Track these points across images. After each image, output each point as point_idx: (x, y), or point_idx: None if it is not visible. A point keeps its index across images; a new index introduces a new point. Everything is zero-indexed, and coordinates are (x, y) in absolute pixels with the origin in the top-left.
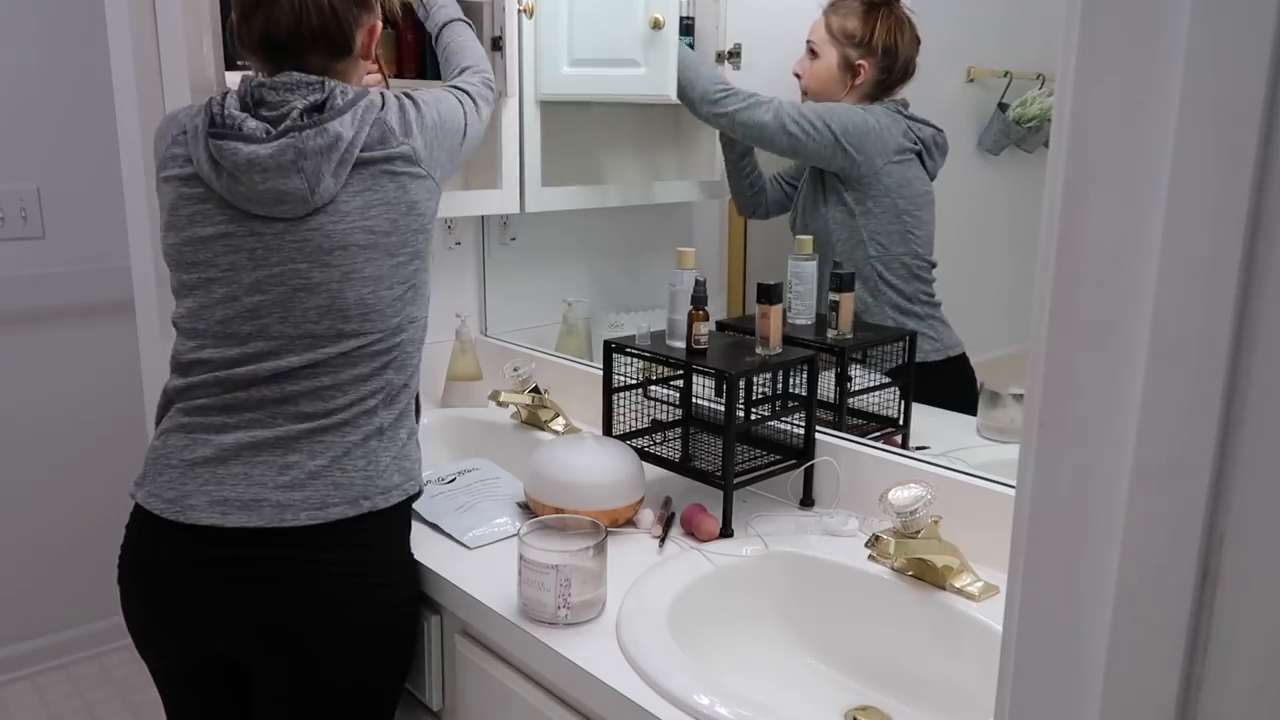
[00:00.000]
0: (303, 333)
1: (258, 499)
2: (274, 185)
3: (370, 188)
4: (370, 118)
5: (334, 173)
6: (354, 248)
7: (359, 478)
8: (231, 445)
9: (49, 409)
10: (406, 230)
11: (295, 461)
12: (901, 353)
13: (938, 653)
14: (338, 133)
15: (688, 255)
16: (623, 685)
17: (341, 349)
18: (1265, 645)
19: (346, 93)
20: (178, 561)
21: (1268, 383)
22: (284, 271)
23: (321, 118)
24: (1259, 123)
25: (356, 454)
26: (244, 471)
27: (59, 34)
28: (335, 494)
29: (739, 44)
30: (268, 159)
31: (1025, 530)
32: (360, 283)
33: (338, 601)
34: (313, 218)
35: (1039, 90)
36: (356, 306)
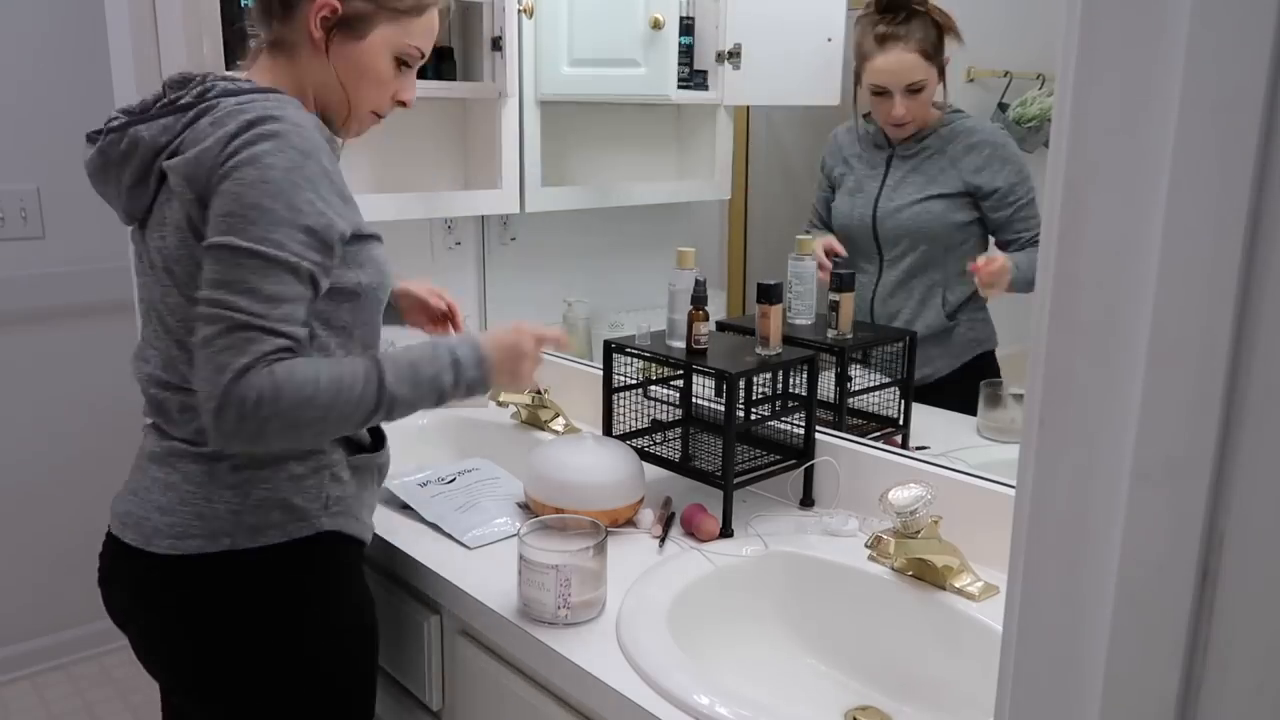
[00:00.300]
0: (156, 348)
1: (145, 516)
2: (102, 190)
3: (169, 200)
4: (200, 124)
5: (140, 181)
6: (159, 269)
7: (224, 510)
8: (146, 453)
9: (49, 409)
10: (194, 263)
11: (174, 482)
12: (903, 354)
13: (938, 653)
14: (138, 137)
15: (688, 255)
16: (623, 685)
17: (183, 376)
18: (1265, 645)
19: (211, 90)
20: (105, 575)
21: (1268, 383)
22: (140, 284)
23: (132, 119)
24: (1259, 123)
25: (225, 483)
26: (146, 485)
27: (59, 35)
28: (197, 524)
29: (739, 44)
30: (89, 163)
31: (1025, 530)
32: (167, 308)
33: (188, 638)
34: (144, 231)
35: (1039, 90)
36: (172, 335)
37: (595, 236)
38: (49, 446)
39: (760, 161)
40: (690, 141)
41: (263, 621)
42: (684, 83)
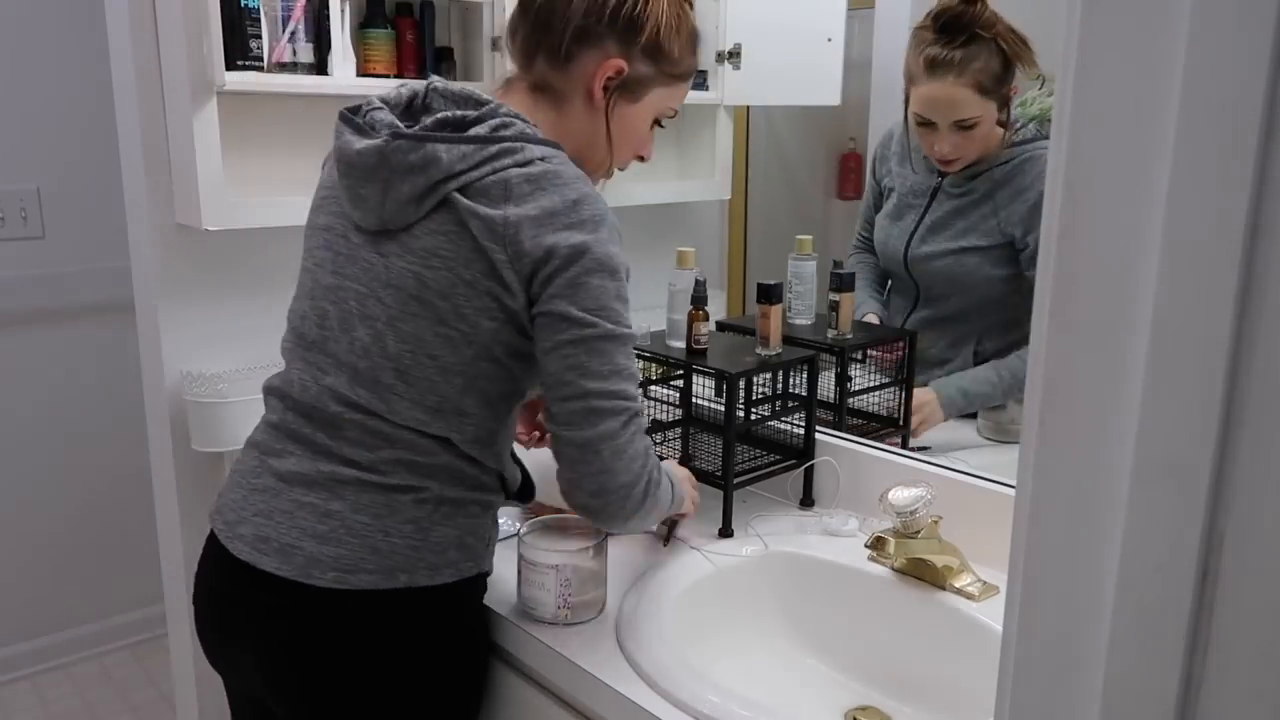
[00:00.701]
0: (350, 364)
1: (295, 545)
2: (353, 184)
3: (447, 233)
4: (501, 164)
5: (417, 199)
6: (404, 293)
7: (402, 545)
8: (286, 475)
9: (49, 409)
10: (465, 303)
11: (336, 511)
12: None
13: (938, 653)
14: (434, 156)
15: (688, 255)
16: (623, 685)
17: (388, 405)
18: (1265, 645)
19: (506, 128)
20: (223, 594)
21: (1268, 383)
22: (347, 288)
23: (431, 134)
24: (1259, 123)
25: (402, 517)
26: (291, 510)
27: (59, 34)
28: (370, 559)
29: (739, 44)
30: (353, 154)
31: (1025, 530)
32: (400, 336)
33: (350, 675)
34: (385, 240)
35: (1039, 90)
36: (394, 362)
37: None
38: (49, 446)
39: (760, 161)
40: (690, 141)
41: (428, 657)
42: None
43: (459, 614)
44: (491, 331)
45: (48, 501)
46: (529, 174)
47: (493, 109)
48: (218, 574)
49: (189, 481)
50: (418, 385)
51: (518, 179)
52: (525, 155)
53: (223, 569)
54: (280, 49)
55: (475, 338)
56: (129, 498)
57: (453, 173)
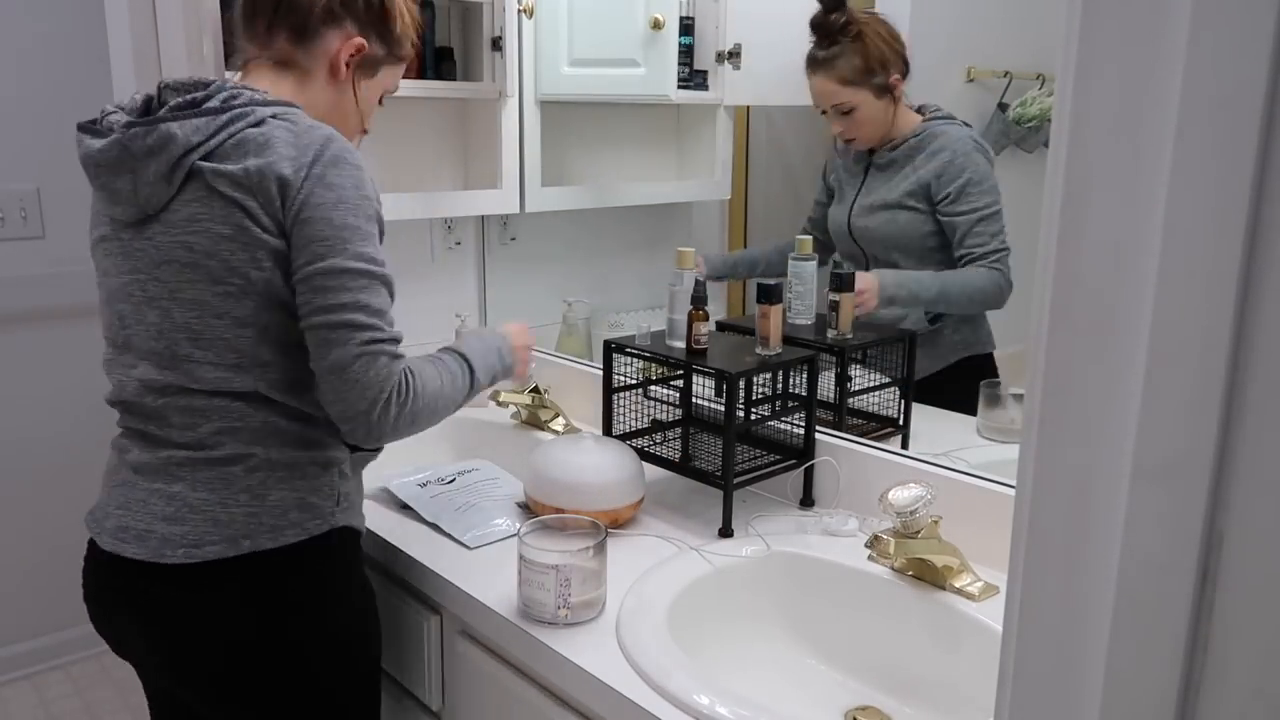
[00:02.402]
0: (150, 350)
1: (149, 529)
2: (106, 182)
3: (200, 199)
4: (238, 127)
5: (165, 177)
6: (176, 264)
7: (240, 514)
8: (136, 466)
9: (48, 409)
10: (231, 256)
11: (178, 492)
12: (902, 353)
13: (938, 653)
14: (170, 134)
15: (687, 255)
16: (623, 685)
17: (191, 376)
18: (1265, 645)
19: (235, 98)
20: (100, 587)
21: (1268, 383)
22: (131, 281)
23: (162, 115)
24: (1259, 123)
25: (237, 487)
26: (144, 499)
27: (59, 35)
28: (214, 531)
29: (739, 44)
30: (98, 154)
31: (1025, 530)
32: (184, 305)
33: (216, 644)
34: (148, 225)
35: (1039, 90)
36: (184, 330)
37: (595, 236)
38: (49, 446)
39: (760, 161)
40: (690, 141)
41: (289, 616)
42: (684, 83)
43: (318, 573)
44: (264, 280)
45: (48, 501)
46: (262, 131)
47: (219, 85)
48: (93, 570)
49: None
50: (214, 346)
51: (253, 135)
52: (257, 116)
53: (97, 565)
54: None
55: (251, 288)
56: None
57: (191, 145)
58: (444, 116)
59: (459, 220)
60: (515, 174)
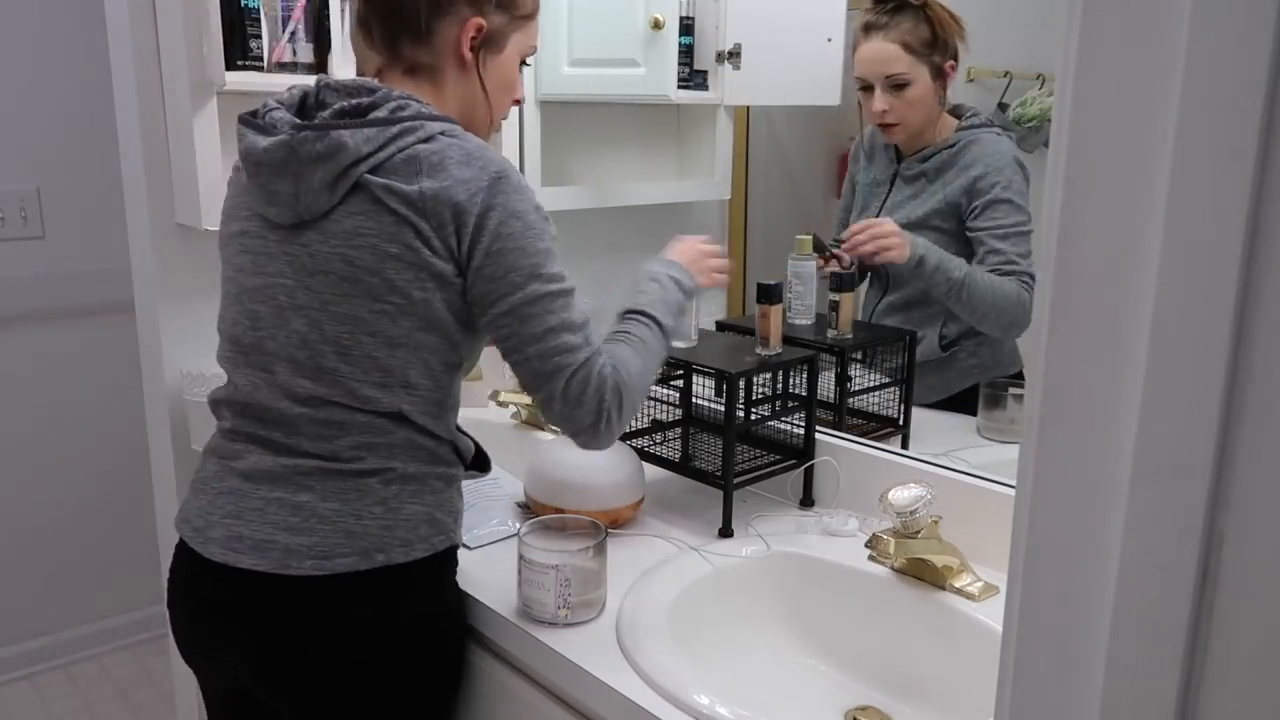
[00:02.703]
0: (290, 357)
1: (269, 540)
2: (265, 182)
3: (365, 213)
4: (408, 141)
5: (330, 185)
6: (333, 276)
7: (374, 527)
8: (250, 474)
9: (49, 409)
10: (395, 275)
11: (305, 502)
12: (901, 352)
13: (938, 653)
14: (341, 142)
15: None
16: (623, 685)
17: (335, 389)
18: (1265, 645)
19: (403, 109)
20: (203, 596)
21: (1268, 383)
22: (274, 284)
23: (334, 122)
24: (1259, 123)
25: (372, 499)
26: (260, 508)
27: (59, 34)
28: (345, 543)
29: (739, 44)
30: (260, 152)
31: (1025, 530)
32: (336, 319)
33: (341, 659)
34: (304, 231)
35: (1039, 90)
36: (333, 344)
37: (595, 236)
38: (49, 446)
39: (760, 161)
40: (690, 141)
41: (411, 633)
42: (684, 83)
43: (436, 588)
44: (424, 302)
45: (48, 501)
46: (434, 149)
47: (386, 94)
48: (191, 579)
49: (189, 481)
50: (361, 363)
51: (425, 153)
52: (426, 131)
53: (196, 573)
54: (280, 49)
55: (410, 309)
56: (129, 498)
57: (361, 156)
58: None
59: None
60: None
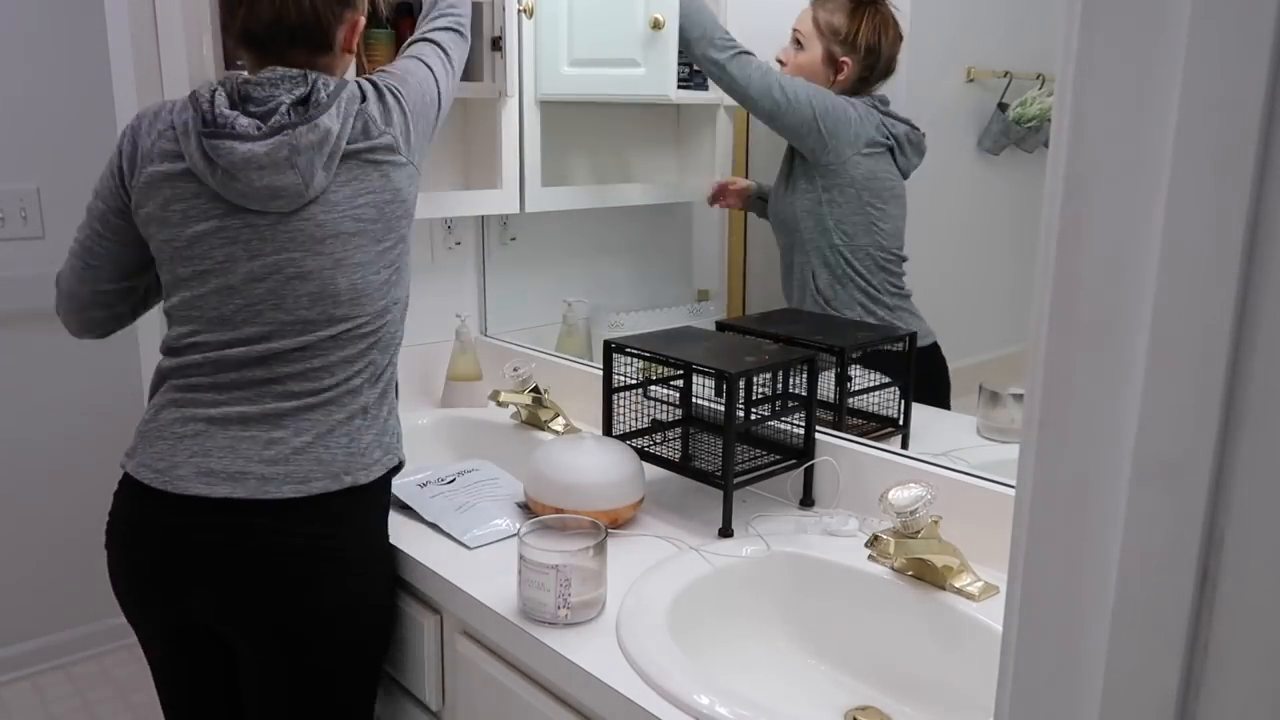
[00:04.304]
0: (295, 318)
1: (243, 471)
2: (270, 182)
3: (357, 177)
4: (354, 109)
5: (325, 166)
6: (344, 235)
7: (341, 454)
8: (220, 419)
9: (49, 409)
10: (391, 217)
11: (280, 437)
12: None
13: (938, 653)
14: (327, 128)
15: None
16: (623, 685)
17: (331, 332)
18: (1265, 645)
19: (329, 85)
20: (164, 528)
21: (1268, 383)
22: (279, 260)
23: (310, 113)
24: (1259, 123)
25: (340, 431)
26: (230, 445)
27: (59, 34)
28: (318, 469)
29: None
30: (263, 156)
31: (1025, 530)
32: (351, 269)
33: (314, 574)
34: (305, 209)
35: (1039, 90)
36: (347, 291)
37: (595, 236)
38: (49, 446)
39: (760, 161)
40: (690, 141)
41: (369, 543)
42: (684, 83)
43: (384, 501)
44: (407, 216)
45: (48, 501)
46: (369, 107)
47: (312, 79)
48: (151, 514)
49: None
50: (370, 300)
51: (371, 109)
52: (352, 93)
53: (160, 508)
54: None
55: (405, 233)
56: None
57: (339, 133)
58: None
59: (459, 220)
60: (515, 174)
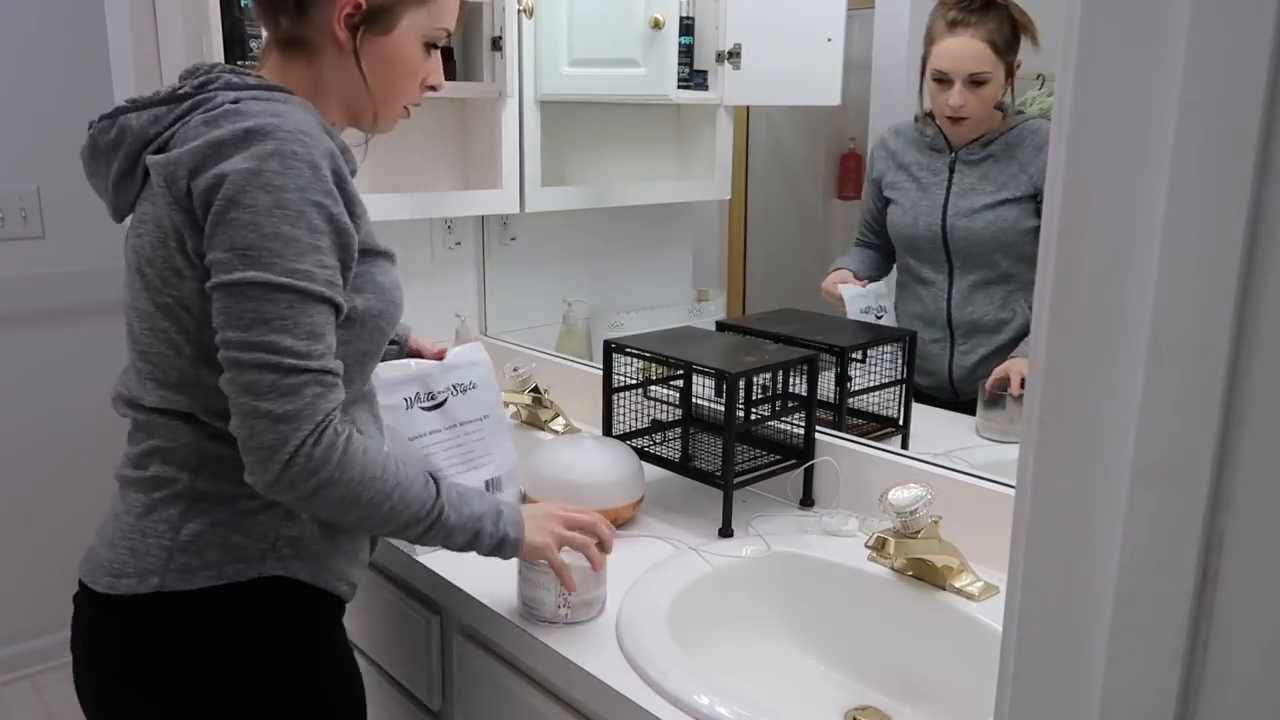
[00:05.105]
0: (129, 360)
1: (95, 550)
2: (92, 182)
3: (149, 197)
4: (195, 116)
5: (124, 174)
6: (131, 269)
7: (155, 545)
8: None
9: (49, 409)
10: (165, 265)
11: (118, 513)
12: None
13: (938, 653)
14: (126, 126)
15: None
16: (622, 685)
17: (141, 390)
18: (1265, 645)
19: (212, 83)
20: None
21: (1268, 383)
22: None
23: (126, 107)
24: (1259, 123)
25: (162, 515)
26: (111, 514)
27: (59, 34)
28: (131, 561)
29: (739, 44)
30: (81, 152)
31: (1025, 530)
32: (138, 314)
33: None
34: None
35: (1039, 90)
36: (138, 342)
37: (595, 236)
38: (48, 447)
39: (760, 161)
40: (690, 141)
41: (199, 672)
42: (684, 83)
43: (242, 630)
44: (197, 292)
45: (48, 501)
46: (207, 117)
47: (205, 68)
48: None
49: None
50: (158, 363)
51: (195, 123)
52: (214, 102)
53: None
54: None
55: (187, 301)
56: None
57: (146, 138)
58: (444, 117)
59: (459, 220)
60: (515, 174)
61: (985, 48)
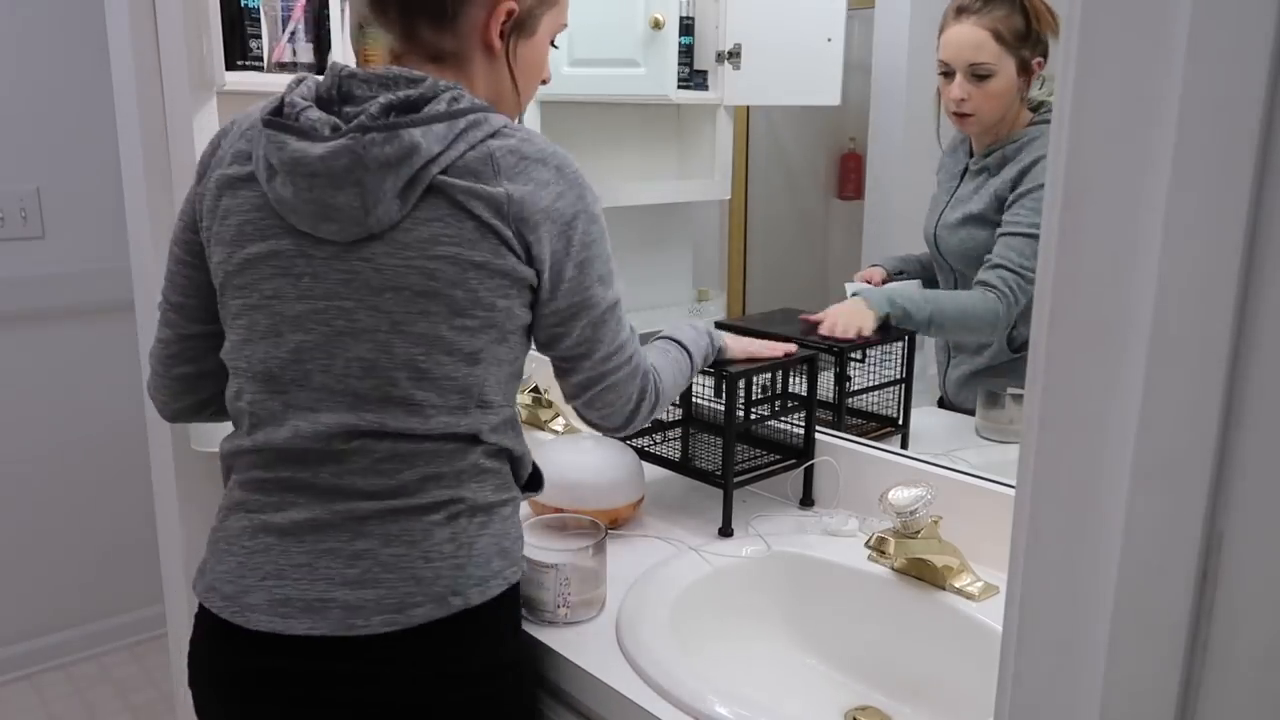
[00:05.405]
0: (346, 389)
1: (324, 598)
2: (320, 196)
3: (443, 219)
4: (476, 137)
5: (400, 192)
6: (408, 292)
7: (446, 567)
8: (291, 527)
9: (49, 409)
10: (479, 286)
11: (366, 550)
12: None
13: (938, 653)
14: (414, 143)
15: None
16: (622, 685)
17: (407, 418)
18: (1265, 645)
19: (459, 100)
20: (240, 673)
21: (1268, 383)
22: (328, 308)
23: (400, 120)
24: (1259, 123)
25: (441, 536)
26: (308, 563)
27: (59, 34)
28: (417, 590)
29: (739, 44)
30: (315, 161)
31: (1025, 530)
32: (411, 340)
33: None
34: (367, 244)
35: (1039, 90)
36: (406, 369)
37: None
38: (49, 447)
39: (760, 161)
40: (690, 141)
41: (498, 677)
42: (684, 83)
43: (515, 624)
44: (506, 310)
45: (48, 501)
46: (508, 145)
47: (433, 84)
48: (225, 654)
49: (189, 481)
50: (438, 386)
51: (500, 152)
52: (492, 125)
53: (235, 647)
54: (280, 49)
55: (492, 320)
56: (129, 498)
57: (433, 155)
58: None
59: None
60: None
61: (987, 36)
